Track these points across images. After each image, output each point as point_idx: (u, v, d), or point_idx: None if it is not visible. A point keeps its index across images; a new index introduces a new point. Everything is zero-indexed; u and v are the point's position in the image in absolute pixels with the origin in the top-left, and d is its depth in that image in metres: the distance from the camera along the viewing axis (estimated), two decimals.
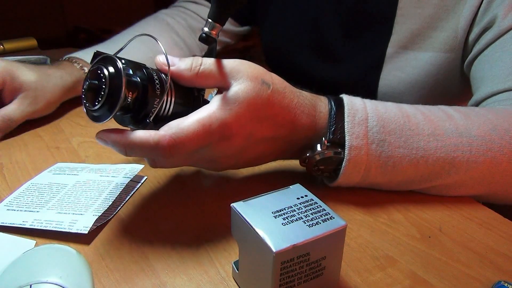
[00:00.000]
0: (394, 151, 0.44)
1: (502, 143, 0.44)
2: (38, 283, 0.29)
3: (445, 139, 0.44)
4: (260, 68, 0.43)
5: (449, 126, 0.45)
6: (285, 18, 0.75)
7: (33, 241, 0.40)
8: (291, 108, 0.43)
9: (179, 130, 0.38)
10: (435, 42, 0.61)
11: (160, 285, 0.36)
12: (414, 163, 0.44)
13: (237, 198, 0.34)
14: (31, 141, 0.60)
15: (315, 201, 0.34)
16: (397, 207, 0.46)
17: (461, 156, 0.44)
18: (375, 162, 0.44)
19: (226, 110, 0.40)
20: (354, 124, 0.44)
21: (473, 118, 0.46)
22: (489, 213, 0.46)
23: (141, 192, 0.48)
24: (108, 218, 0.43)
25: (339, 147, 0.44)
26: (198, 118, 0.39)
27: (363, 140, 0.43)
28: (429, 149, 0.44)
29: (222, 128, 0.39)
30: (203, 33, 0.41)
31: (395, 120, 0.45)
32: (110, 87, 0.36)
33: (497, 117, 0.46)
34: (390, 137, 0.44)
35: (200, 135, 0.39)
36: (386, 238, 0.42)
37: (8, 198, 0.46)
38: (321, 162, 0.45)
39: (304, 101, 0.45)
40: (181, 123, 0.39)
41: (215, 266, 0.38)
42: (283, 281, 0.31)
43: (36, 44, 1.14)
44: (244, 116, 0.40)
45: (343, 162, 0.44)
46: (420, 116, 0.46)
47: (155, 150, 0.38)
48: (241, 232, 0.33)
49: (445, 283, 0.36)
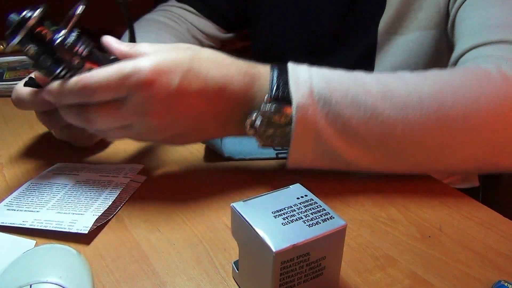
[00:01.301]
0: (342, 110, 0.42)
1: (454, 100, 0.43)
2: (38, 283, 0.29)
3: (393, 97, 0.43)
4: (189, 44, 0.44)
5: (398, 85, 0.44)
6: (278, 22, 0.75)
7: (33, 241, 0.40)
8: (223, 64, 0.43)
9: (94, 72, 0.40)
10: (420, 21, 0.62)
11: (160, 285, 0.36)
12: (364, 121, 0.43)
13: (237, 198, 0.34)
14: (31, 141, 0.60)
15: (315, 201, 0.34)
16: (397, 207, 0.46)
17: (412, 114, 0.43)
18: (324, 120, 0.42)
19: (145, 59, 0.40)
20: (298, 83, 0.42)
21: (427, 76, 0.45)
22: (489, 213, 0.46)
23: (141, 192, 0.48)
24: (108, 218, 0.43)
25: (284, 104, 0.43)
26: (116, 65, 0.40)
27: (309, 98, 0.42)
28: (377, 108, 0.43)
29: (138, 72, 0.39)
30: None
31: (341, 81, 0.43)
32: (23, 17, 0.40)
33: (452, 76, 0.45)
34: (336, 94, 0.42)
35: (113, 79, 0.39)
36: (386, 238, 0.42)
37: (8, 198, 0.46)
38: (267, 126, 0.43)
39: (239, 60, 0.44)
40: (98, 70, 0.40)
41: (215, 266, 0.38)
42: (283, 281, 0.31)
43: None
44: (163, 64, 0.40)
45: (291, 124, 0.42)
46: (369, 77, 0.45)
47: (73, 93, 0.40)
48: (241, 232, 0.33)
49: (445, 283, 0.36)
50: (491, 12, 0.52)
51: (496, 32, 0.50)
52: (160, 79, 0.40)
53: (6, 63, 0.94)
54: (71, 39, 0.41)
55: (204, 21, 0.82)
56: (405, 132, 0.43)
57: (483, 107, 0.43)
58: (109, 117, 0.42)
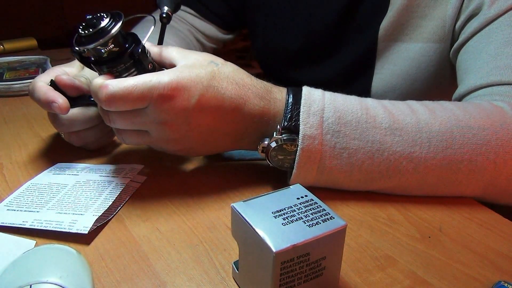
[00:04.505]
0: (349, 142, 0.43)
1: (463, 141, 0.43)
2: (38, 283, 0.29)
3: (403, 134, 0.43)
4: (211, 55, 0.45)
5: (409, 121, 0.44)
6: (276, 23, 0.75)
7: (33, 241, 0.40)
8: (241, 86, 0.44)
9: (119, 83, 0.41)
10: (424, 32, 0.61)
11: (160, 285, 0.36)
12: (369, 155, 0.43)
13: (237, 198, 0.34)
14: (31, 141, 0.60)
15: (315, 201, 0.34)
16: (397, 207, 0.46)
17: (418, 152, 0.43)
18: (330, 152, 0.43)
19: (169, 73, 0.42)
20: (309, 114, 0.43)
21: (438, 113, 0.45)
22: (489, 213, 0.46)
23: (141, 192, 0.48)
24: (108, 218, 0.43)
25: (294, 135, 0.44)
26: (142, 77, 0.41)
27: (317, 130, 0.43)
28: (385, 143, 0.43)
29: (161, 87, 0.41)
30: (163, 12, 0.48)
31: (353, 112, 0.44)
32: (104, 26, 0.41)
33: (464, 113, 0.45)
34: (346, 128, 0.43)
35: (137, 91, 0.40)
36: (386, 238, 0.42)
37: (8, 198, 0.46)
38: (278, 151, 0.44)
39: (257, 83, 0.45)
40: (125, 79, 0.41)
41: (215, 266, 0.38)
42: (283, 281, 0.31)
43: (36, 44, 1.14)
44: (186, 79, 0.42)
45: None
46: (381, 109, 0.45)
47: (96, 95, 0.42)
48: (241, 232, 0.33)
49: (445, 283, 0.36)
50: (505, 51, 0.51)
51: (510, 73, 0.49)
52: (180, 95, 0.41)
53: (6, 63, 0.94)
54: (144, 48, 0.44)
55: (205, 23, 0.82)
56: (409, 168, 0.44)
57: (492, 151, 0.43)
58: (128, 121, 0.43)
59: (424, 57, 0.62)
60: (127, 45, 0.43)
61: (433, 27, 0.60)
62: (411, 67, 0.63)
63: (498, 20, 0.53)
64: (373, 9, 0.64)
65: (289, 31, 0.73)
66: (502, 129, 0.44)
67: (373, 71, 0.67)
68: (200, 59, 0.44)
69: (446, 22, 0.58)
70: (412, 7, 0.60)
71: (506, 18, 0.52)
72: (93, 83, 0.42)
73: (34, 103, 0.50)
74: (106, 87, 0.41)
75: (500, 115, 0.45)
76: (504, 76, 0.50)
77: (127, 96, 0.41)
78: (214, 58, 0.45)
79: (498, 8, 0.52)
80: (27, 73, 0.85)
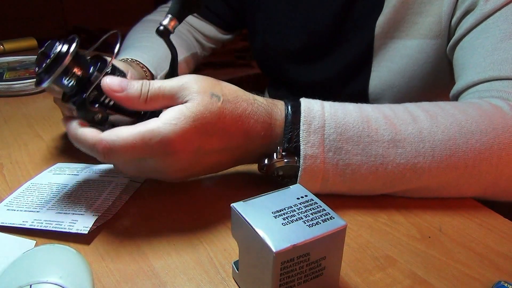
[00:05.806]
0: (352, 158, 0.43)
1: (467, 147, 0.43)
2: (38, 283, 0.29)
3: (406, 145, 0.43)
4: (210, 81, 0.42)
5: (411, 131, 0.44)
6: (275, 23, 0.75)
7: (33, 241, 0.40)
8: (244, 118, 0.42)
9: (116, 138, 0.39)
10: (420, 28, 0.61)
11: (160, 285, 0.36)
12: (373, 170, 0.43)
13: (237, 198, 0.34)
14: (31, 141, 0.60)
15: (315, 201, 0.34)
16: (397, 207, 0.46)
17: (422, 162, 0.43)
18: (332, 170, 0.43)
19: (170, 126, 0.39)
20: (309, 132, 0.42)
21: (440, 119, 0.44)
22: (489, 213, 0.46)
23: (141, 192, 0.48)
24: (108, 218, 0.43)
25: (295, 156, 0.43)
26: (140, 130, 0.39)
27: (318, 149, 0.42)
28: (388, 156, 0.43)
29: (163, 144, 0.39)
30: (160, 25, 0.45)
31: (354, 126, 0.43)
32: (57, 56, 0.38)
33: (466, 117, 0.45)
34: (348, 144, 0.43)
35: (136, 147, 0.39)
36: (386, 238, 0.42)
37: (8, 198, 0.46)
38: (279, 170, 0.44)
39: (258, 109, 0.43)
40: (122, 131, 0.39)
41: (215, 266, 0.38)
42: (283, 281, 0.31)
43: (36, 44, 1.14)
44: (190, 131, 0.39)
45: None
46: (382, 120, 0.44)
47: (92, 150, 0.40)
48: (241, 232, 0.33)
49: (445, 283, 0.36)
50: (502, 46, 0.51)
51: (508, 68, 0.49)
52: (184, 147, 0.40)
53: (6, 63, 0.94)
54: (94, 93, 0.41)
55: (204, 23, 0.82)
56: (412, 178, 0.44)
57: (494, 155, 0.43)
58: (132, 166, 0.42)
59: (421, 53, 0.62)
60: (92, 67, 0.40)
61: (429, 23, 0.60)
62: (408, 64, 0.63)
63: (494, 15, 0.53)
64: (369, 6, 0.64)
65: (288, 31, 0.73)
66: (503, 133, 0.44)
67: (370, 69, 0.67)
68: (200, 91, 0.41)
69: (442, 18, 0.58)
70: (408, 4, 0.60)
71: (502, 13, 0.52)
72: (88, 138, 0.40)
73: (34, 103, 0.50)
74: (101, 142, 0.39)
75: (501, 117, 0.45)
76: (501, 71, 0.49)
77: (127, 150, 0.39)
78: (213, 86, 0.42)
79: (494, 3, 0.52)
80: (27, 73, 0.85)
